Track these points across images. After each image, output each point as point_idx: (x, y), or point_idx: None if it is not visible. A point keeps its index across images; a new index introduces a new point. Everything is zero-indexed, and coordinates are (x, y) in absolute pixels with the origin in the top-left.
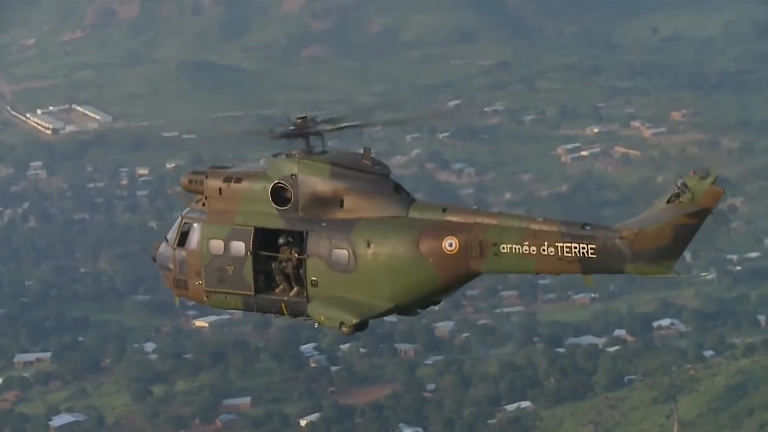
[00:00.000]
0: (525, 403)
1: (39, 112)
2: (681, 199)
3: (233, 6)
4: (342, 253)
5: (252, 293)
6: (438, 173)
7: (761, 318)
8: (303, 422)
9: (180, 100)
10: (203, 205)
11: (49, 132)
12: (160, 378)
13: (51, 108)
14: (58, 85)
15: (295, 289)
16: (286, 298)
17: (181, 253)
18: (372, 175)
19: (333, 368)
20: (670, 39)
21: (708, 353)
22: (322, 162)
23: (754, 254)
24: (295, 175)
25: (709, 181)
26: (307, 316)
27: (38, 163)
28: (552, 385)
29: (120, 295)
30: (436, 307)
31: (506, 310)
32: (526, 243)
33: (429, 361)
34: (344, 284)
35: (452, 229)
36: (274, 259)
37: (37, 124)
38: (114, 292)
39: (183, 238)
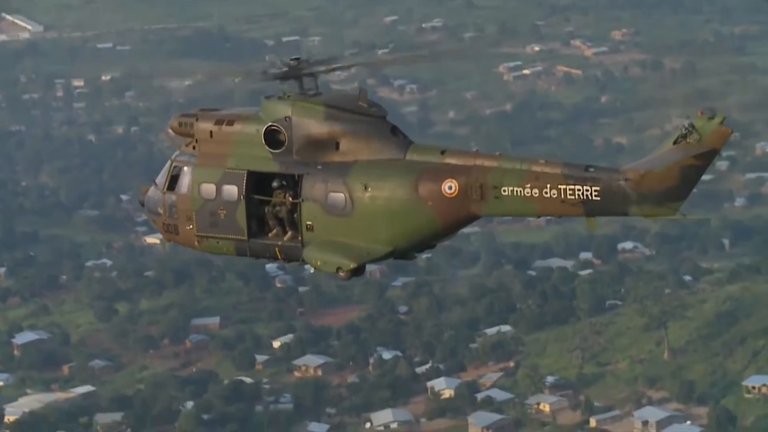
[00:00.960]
0: (505, 328)
1: None
2: (688, 140)
3: None
4: (338, 196)
5: (245, 238)
6: (379, 90)
7: (725, 242)
8: (276, 344)
9: (112, 10)
10: (194, 148)
11: None
12: (123, 296)
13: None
14: None
15: (290, 233)
16: (280, 243)
17: (171, 197)
18: (368, 117)
19: (301, 289)
20: None
21: (686, 278)
22: (316, 104)
23: (706, 177)
24: (289, 117)
25: (717, 122)
26: (302, 260)
27: None
28: (531, 310)
29: (67, 210)
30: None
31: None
32: (528, 185)
33: (398, 283)
34: (341, 228)
35: (451, 171)
36: (268, 203)
37: None
38: (60, 206)
39: (173, 181)
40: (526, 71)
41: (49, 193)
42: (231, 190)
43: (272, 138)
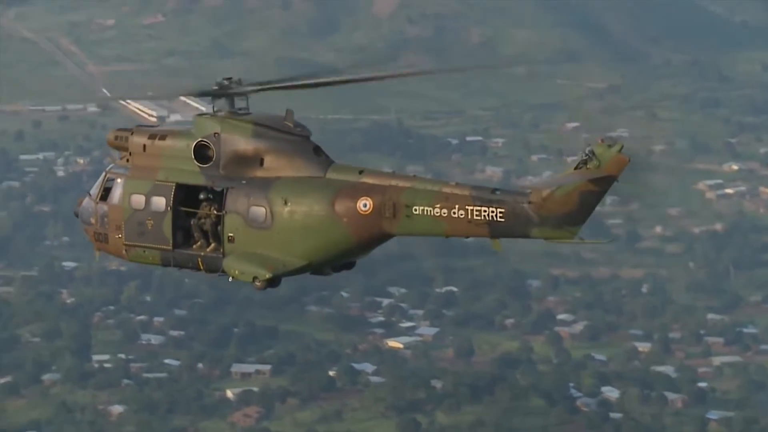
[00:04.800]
0: None
1: None
2: (588, 166)
3: (321, 3)
4: (259, 210)
5: (170, 248)
6: None
7: None
8: None
9: (285, 97)
10: (127, 161)
11: (153, 119)
12: (415, 407)
13: (149, 93)
14: (148, 71)
15: (213, 245)
16: (202, 254)
17: (103, 207)
18: (293, 136)
19: (612, 415)
20: None
21: None
22: (245, 121)
23: None
24: (218, 133)
25: (616, 149)
26: (223, 271)
27: None
28: None
29: (298, 305)
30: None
31: (723, 359)
32: (438, 205)
33: (713, 416)
34: (260, 241)
35: (367, 190)
36: (194, 215)
37: (138, 109)
38: (284, 300)
39: (106, 193)
40: (729, 190)
41: None
42: (159, 202)
43: (201, 153)
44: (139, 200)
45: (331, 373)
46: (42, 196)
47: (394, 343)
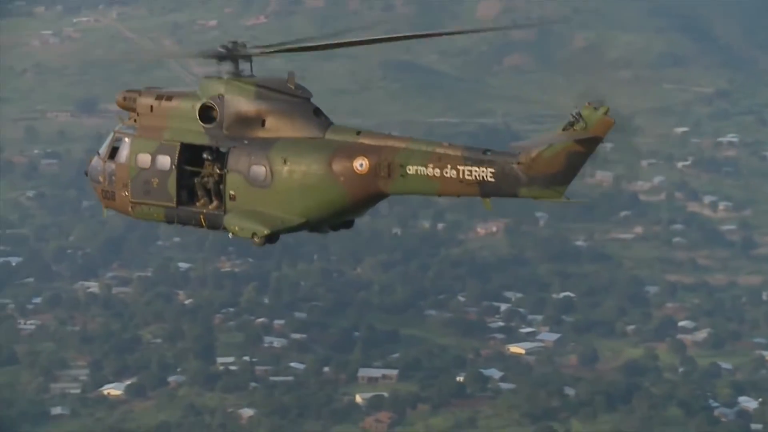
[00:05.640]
0: None
1: None
2: (575, 128)
3: (424, 6)
4: (260, 169)
5: (174, 205)
6: (689, 204)
7: None
8: None
9: (389, 100)
10: (135, 121)
11: None
12: (550, 415)
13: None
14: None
15: (215, 202)
16: (205, 211)
17: (111, 166)
18: (294, 98)
19: (752, 426)
20: None
21: None
22: (248, 83)
23: None
24: (222, 95)
25: (602, 112)
26: (224, 228)
27: None
28: None
29: (416, 309)
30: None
31: None
32: (431, 165)
33: None
34: (260, 199)
35: (364, 150)
36: (197, 174)
37: None
38: (402, 304)
39: (113, 152)
40: None
41: (379, 288)
42: (164, 161)
43: (206, 114)
44: (145, 159)
45: (459, 378)
46: None
47: (516, 348)
